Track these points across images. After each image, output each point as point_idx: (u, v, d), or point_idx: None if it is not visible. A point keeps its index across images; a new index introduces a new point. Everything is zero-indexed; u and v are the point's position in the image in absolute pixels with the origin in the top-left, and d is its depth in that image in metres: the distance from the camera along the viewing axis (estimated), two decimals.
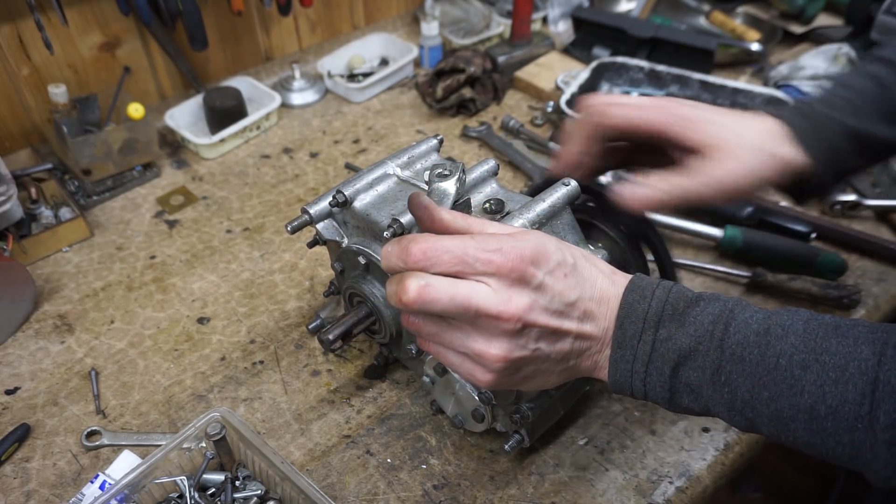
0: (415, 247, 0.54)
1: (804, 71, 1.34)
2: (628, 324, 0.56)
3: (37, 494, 0.76)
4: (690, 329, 0.54)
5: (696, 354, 0.54)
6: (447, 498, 0.75)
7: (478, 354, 0.56)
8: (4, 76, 1.15)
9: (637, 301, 0.56)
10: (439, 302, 0.53)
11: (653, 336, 0.55)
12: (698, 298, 0.56)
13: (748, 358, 0.52)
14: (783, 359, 0.51)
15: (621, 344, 0.57)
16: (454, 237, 0.55)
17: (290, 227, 0.76)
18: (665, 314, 0.55)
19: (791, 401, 0.50)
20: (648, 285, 0.57)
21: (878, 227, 1.07)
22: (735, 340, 0.53)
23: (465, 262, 0.53)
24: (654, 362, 0.55)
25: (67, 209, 1.08)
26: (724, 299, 0.56)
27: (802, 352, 0.50)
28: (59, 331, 0.94)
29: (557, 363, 0.58)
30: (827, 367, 0.49)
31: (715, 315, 0.54)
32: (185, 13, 1.20)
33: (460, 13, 1.59)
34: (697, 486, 0.77)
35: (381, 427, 0.82)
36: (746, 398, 0.52)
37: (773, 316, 0.53)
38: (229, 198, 1.16)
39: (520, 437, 0.74)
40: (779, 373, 0.51)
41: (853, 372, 0.48)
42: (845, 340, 0.50)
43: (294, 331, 0.93)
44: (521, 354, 0.56)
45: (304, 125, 1.33)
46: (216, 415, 0.73)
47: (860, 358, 0.49)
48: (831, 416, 0.49)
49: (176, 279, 1.02)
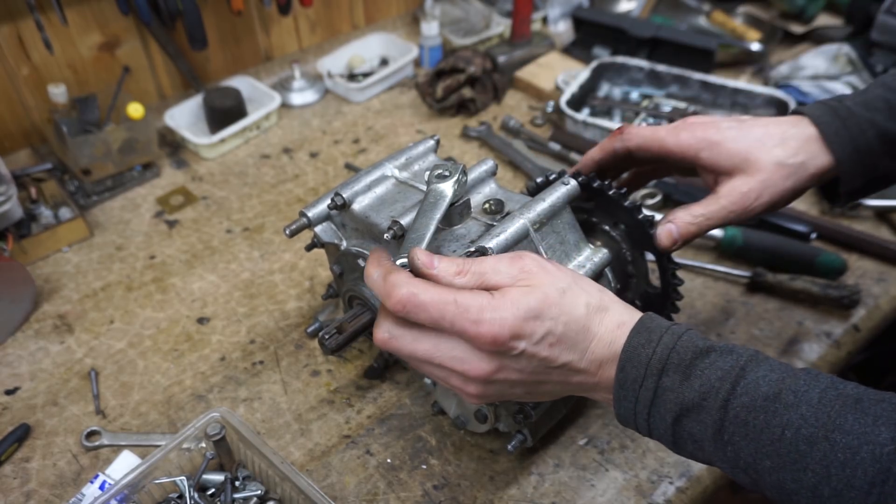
0: (396, 295, 0.54)
1: (804, 71, 1.34)
2: (630, 368, 0.54)
3: (36, 494, 0.76)
4: (696, 383, 0.51)
5: (699, 409, 0.51)
6: (447, 498, 0.75)
7: (457, 388, 0.58)
8: (4, 76, 1.15)
9: (642, 345, 0.54)
10: (401, 353, 0.57)
11: (655, 383, 0.53)
12: (709, 350, 0.53)
13: (752, 423, 0.49)
14: (789, 430, 0.47)
15: (623, 385, 0.54)
16: (438, 292, 0.54)
17: (289, 231, 0.75)
18: (670, 363, 0.52)
19: (794, 475, 0.47)
20: (657, 328, 0.54)
21: (878, 227, 1.07)
22: (741, 403, 0.49)
23: (440, 325, 0.54)
24: (657, 408, 0.53)
25: (67, 209, 1.08)
26: (739, 353, 0.52)
27: (812, 425, 0.47)
28: (58, 331, 0.94)
29: (542, 397, 0.60)
30: (836, 446, 0.45)
31: (724, 371, 0.51)
32: (184, 13, 1.20)
33: (460, 13, 1.59)
34: (697, 487, 0.77)
35: (381, 427, 0.82)
36: (749, 461, 0.50)
37: (789, 379, 0.50)
38: (229, 198, 1.16)
39: (523, 437, 0.74)
40: (783, 444, 0.47)
41: (865, 457, 0.44)
42: (863, 419, 0.46)
43: (294, 331, 0.93)
44: (494, 392, 0.57)
45: (304, 125, 1.33)
46: (216, 415, 0.73)
47: (876, 442, 0.45)
48: (835, 498, 0.45)
49: (176, 279, 1.02)
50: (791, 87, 1.30)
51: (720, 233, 1.01)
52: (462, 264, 0.56)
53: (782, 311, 0.95)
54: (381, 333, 0.57)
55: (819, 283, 0.94)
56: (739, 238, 1.00)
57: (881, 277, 0.99)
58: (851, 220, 1.07)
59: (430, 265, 0.56)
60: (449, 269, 0.56)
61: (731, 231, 1.01)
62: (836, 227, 1.04)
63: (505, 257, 0.57)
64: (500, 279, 0.55)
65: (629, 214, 0.73)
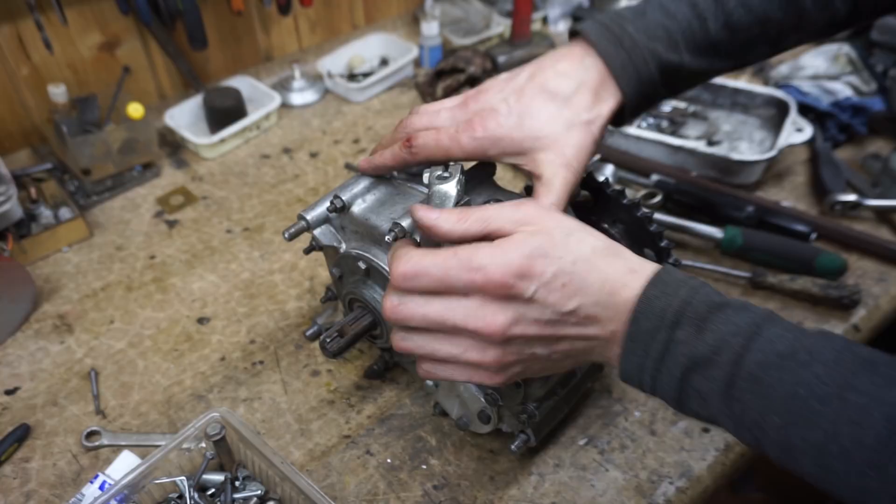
0: (396, 270, 0.55)
1: (804, 71, 1.34)
2: (643, 319, 0.53)
3: (36, 495, 0.76)
4: (709, 337, 0.51)
5: (710, 364, 0.51)
6: (447, 498, 0.75)
7: (475, 363, 0.56)
8: (4, 76, 1.15)
9: (658, 297, 0.52)
10: (412, 320, 0.56)
11: (667, 336, 0.52)
12: (725, 305, 0.52)
13: (766, 380, 0.48)
14: (802, 388, 0.47)
15: (634, 338, 0.53)
16: (438, 254, 0.54)
17: (288, 234, 0.74)
18: (686, 316, 0.51)
19: (802, 433, 0.47)
20: (674, 282, 0.53)
21: (878, 227, 1.07)
22: (755, 359, 0.49)
23: (446, 283, 0.54)
24: (666, 362, 0.52)
25: (67, 209, 1.08)
26: (754, 310, 0.51)
27: (826, 384, 0.46)
28: (58, 331, 0.94)
29: (560, 361, 0.58)
30: (849, 405, 0.45)
31: (739, 327, 0.50)
32: (184, 13, 1.20)
33: (460, 13, 1.59)
34: (698, 487, 0.77)
35: (381, 427, 0.82)
36: (756, 419, 0.49)
37: (804, 338, 0.49)
38: (229, 198, 1.16)
39: (525, 437, 0.74)
40: (795, 402, 0.47)
41: (877, 417, 0.44)
42: (877, 379, 0.46)
43: (294, 331, 0.93)
44: (514, 359, 0.56)
45: (303, 125, 1.33)
46: (216, 415, 0.73)
47: (888, 402, 0.45)
48: (842, 456, 0.45)
49: (176, 279, 1.02)
50: (791, 87, 1.30)
51: (720, 233, 1.01)
52: (463, 211, 0.56)
53: (782, 311, 0.95)
54: (388, 302, 0.56)
55: (819, 283, 0.94)
56: (739, 238, 1.00)
57: (881, 277, 0.99)
58: (851, 220, 1.07)
59: (431, 216, 0.56)
60: (450, 216, 0.56)
61: (731, 231, 1.01)
62: (836, 227, 1.04)
63: (507, 204, 0.57)
64: (503, 224, 0.55)
65: (628, 212, 0.73)
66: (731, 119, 1.27)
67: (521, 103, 0.67)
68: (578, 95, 0.67)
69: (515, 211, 0.56)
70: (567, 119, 0.66)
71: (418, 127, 0.71)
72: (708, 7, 0.69)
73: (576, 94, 0.67)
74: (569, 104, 0.66)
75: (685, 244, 1.05)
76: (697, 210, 1.07)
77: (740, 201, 1.06)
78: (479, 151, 0.67)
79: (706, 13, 0.69)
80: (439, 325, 0.55)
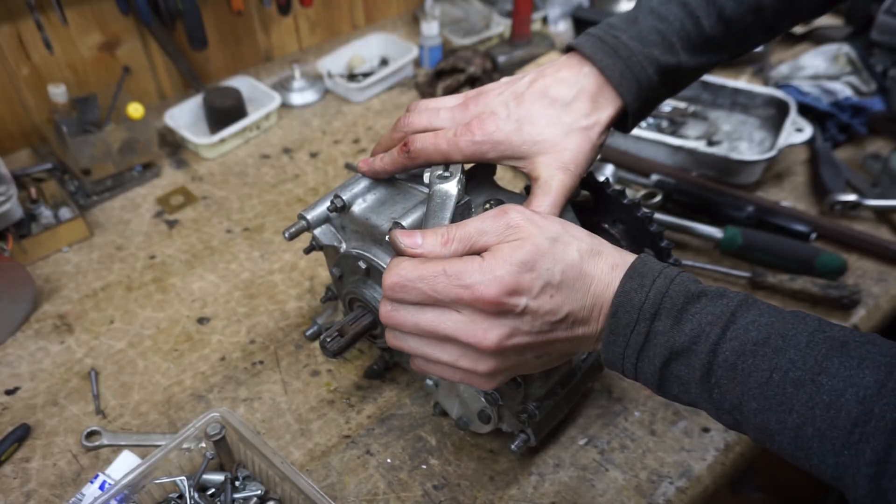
0: (385, 280, 0.56)
1: (804, 71, 1.34)
2: (622, 313, 0.54)
3: (36, 494, 0.76)
4: (686, 328, 0.52)
5: (688, 353, 0.52)
6: (447, 498, 0.75)
7: (468, 370, 0.57)
8: (4, 76, 1.15)
9: (635, 290, 0.54)
10: (405, 327, 0.57)
11: (647, 327, 0.53)
12: (701, 294, 0.53)
13: (740, 367, 0.50)
14: (777, 373, 0.48)
15: (614, 331, 0.55)
16: (427, 268, 0.54)
17: (288, 234, 0.74)
18: (663, 307, 0.53)
19: (778, 416, 0.48)
20: (650, 272, 0.54)
21: (878, 227, 1.07)
22: (730, 347, 0.50)
23: (434, 298, 0.54)
24: (646, 352, 0.54)
25: (67, 209, 1.08)
26: (730, 296, 0.53)
27: (800, 368, 0.48)
28: (58, 331, 0.94)
29: (550, 360, 0.60)
30: (822, 389, 0.47)
31: (715, 316, 0.52)
32: (184, 13, 1.20)
33: (460, 13, 1.59)
34: (698, 487, 0.77)
35: (381, 427, 0.82)
36: (735, 403, 0.51)
37: (778, 323, 0.50)
38: (229, 198, 1.16)
39: (525, 437, 0.74)
40: (770, 387, 0.49)
41: (849, 398, 0.46)
42: (849, 361, 0.47)
43: (294, 331, 0.93)
44: (506, 366, 0.57)
45: (304, 125, 1.33)
46: (216, 415, 0.73)
47: (860, 384, 0.46)
48: (818, 438, 0.47)
49: (176, 279, 1.02)
50: (791, 87, 1.30)
51: (720, 233, 1.01)
52: (446, 232, 0.56)
53: None
54: (382, 307, 0.58)
55: (819, 283, 0.94)
56: (739, 238, 1.00)
57: (881, 277, 0.99)
58: (851, 220, 1.07)
59: (415, 244, 0.56)
60: (434, 242, 0.56)
61: (731, 231, 1.01)
62: (836, 227, 1.04)
63: (488, 215, 0.57)
64: (488, 239, 0.55)
65: (628, 212, 0.73)
66: (730, 119, 1.27)
67: (521, 108, 0.67)
68: (577, 102, 0.67)
69: (497, 222, 0.56)
70: (566, 124, 0.67)
71: (417, 127, 0.71)
72: (699, 4, 0.69)
73: (575, 101, 0.67)
74: (568, 110, 0.67)
75: (685, 244, 1.05)
76: (697, 210, 1.07)
77: (740, 201, 1.06)
78: (478, 155, 0.68)
79: (698, 11, 0.69)
80: (431, 334, 0.56)
